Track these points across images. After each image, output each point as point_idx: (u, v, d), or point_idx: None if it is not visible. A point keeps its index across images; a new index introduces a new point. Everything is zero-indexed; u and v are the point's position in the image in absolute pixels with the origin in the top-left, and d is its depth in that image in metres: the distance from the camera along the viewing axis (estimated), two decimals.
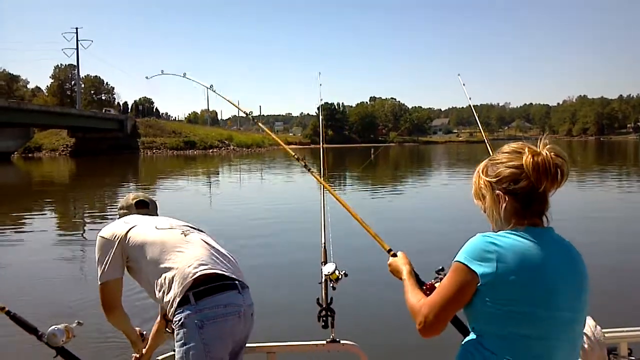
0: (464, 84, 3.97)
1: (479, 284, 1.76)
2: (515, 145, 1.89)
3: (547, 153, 1.82)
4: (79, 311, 6.19)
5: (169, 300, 2.65)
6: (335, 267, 3.14)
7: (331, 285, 3.11)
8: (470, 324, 1.90)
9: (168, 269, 2.70)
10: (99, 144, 77.87)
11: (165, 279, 2.70)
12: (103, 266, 2.89)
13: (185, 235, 2.90)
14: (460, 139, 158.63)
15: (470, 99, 4.04)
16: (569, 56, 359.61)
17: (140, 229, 2.93)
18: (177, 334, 2.57)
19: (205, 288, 2.60)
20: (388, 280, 2.64)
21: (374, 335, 5.70)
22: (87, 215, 19.35)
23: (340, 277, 3.11)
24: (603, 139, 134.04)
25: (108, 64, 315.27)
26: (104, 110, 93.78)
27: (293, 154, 3.88)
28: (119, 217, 3.20)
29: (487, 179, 1.90)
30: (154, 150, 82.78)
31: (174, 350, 3.06)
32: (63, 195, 27.02)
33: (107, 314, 2.96)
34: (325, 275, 3.14)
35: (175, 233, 2.91)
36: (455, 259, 1.83)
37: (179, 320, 2.56)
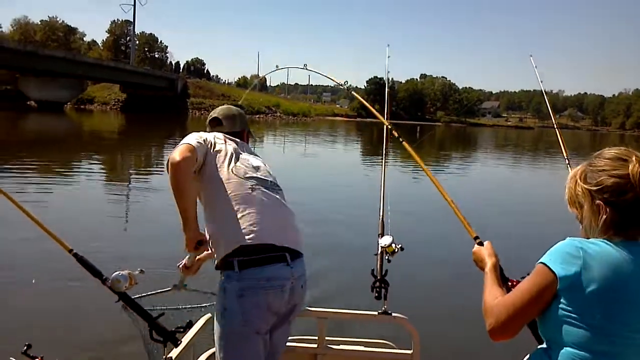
0: (535, 66, 3.87)
1: (558, 288, 1.66)
2: (618, 151, 1.74)
3: None
4: (136, 259, 6.40)
5: (214, 254, 2.69)
6: (392, 240, 3.14)
7: (387, 257, 3.12)
8: (541, 332, 1.81)
9: (221, 221, 2.66)
10: (149, 101, 78.95)
11: (216, 229, 2.67)
12: (189, 139, 2.74)
13: (252, 191, 2.71)
14: (509, 123, 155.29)
15: (542, 82, 3.94)
16: (628, 47, 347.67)
17: (223, 158, 2.78)
18: (219, 296, 2.61)
19: (250, 259, 2.55)
20: (445, 258, 2.64)
21: (426, 311, 5.69)
22: (134, 168, 19.74)
23: (396, 250, 3.11)
24: None
25: (163, 22, 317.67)
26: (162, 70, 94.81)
27: None
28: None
29: (586, 186, 1.75)
30: (202, 112, 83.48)
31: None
32: (112, 147, 27.60)
33: (173, 167, 2.58)
34: (382, 247, 3.15)
35: (244, 188, 2.70)
36: (539, 261, 1.73)
37: (221, 284, 2.60)
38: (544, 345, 1.80)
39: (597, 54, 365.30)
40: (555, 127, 3.31)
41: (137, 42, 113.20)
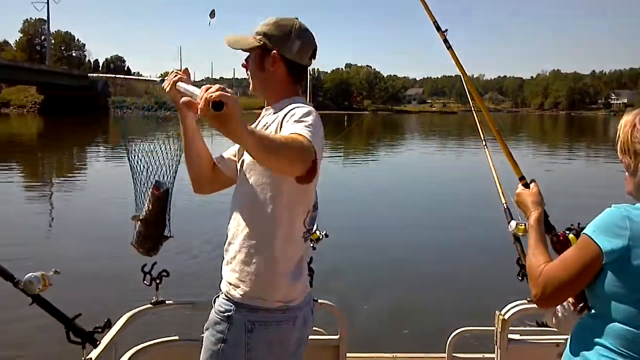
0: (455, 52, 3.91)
1: (603, 262, 1.56)
2: None
3: None
4: (54, 261, 6.25)
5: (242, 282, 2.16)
6: (317, 227, 3.15)
7: (311, 245, 3.12)
8: (590, 302, 1.72)
9: (272, 266, 2.14)
10: (69, 101, 76.47)
11: (263, 265, 2.15)
12: (316, 140, 1.93)
13: (305, 241, 2.27)
14: (434, 109, 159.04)
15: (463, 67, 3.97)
16: (544, 30, 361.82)
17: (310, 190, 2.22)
18: (218, 324, 2.16)
19: None
20: (369, 245, 2.66)
21: (351, 296, 5.78)
22: (52, 172, 19.11)
23: (321, 237, 3.12)
24: (574, 113, 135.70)
25: (79, 20, 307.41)
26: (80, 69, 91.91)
27: None
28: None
29: None
30: (124, 110, 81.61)
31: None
32: (31, 153, 26.59)
33: (303, 156, 1.81)
34: None
35: (301, 235, 2.23)
36: (584, 232, 1.63)
37: (225, 312, 2.15)
38: (594, 317, 1.70)
39: (516, 37, 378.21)
40: (472, 110, 3.33)
41: (53, 41, 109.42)
